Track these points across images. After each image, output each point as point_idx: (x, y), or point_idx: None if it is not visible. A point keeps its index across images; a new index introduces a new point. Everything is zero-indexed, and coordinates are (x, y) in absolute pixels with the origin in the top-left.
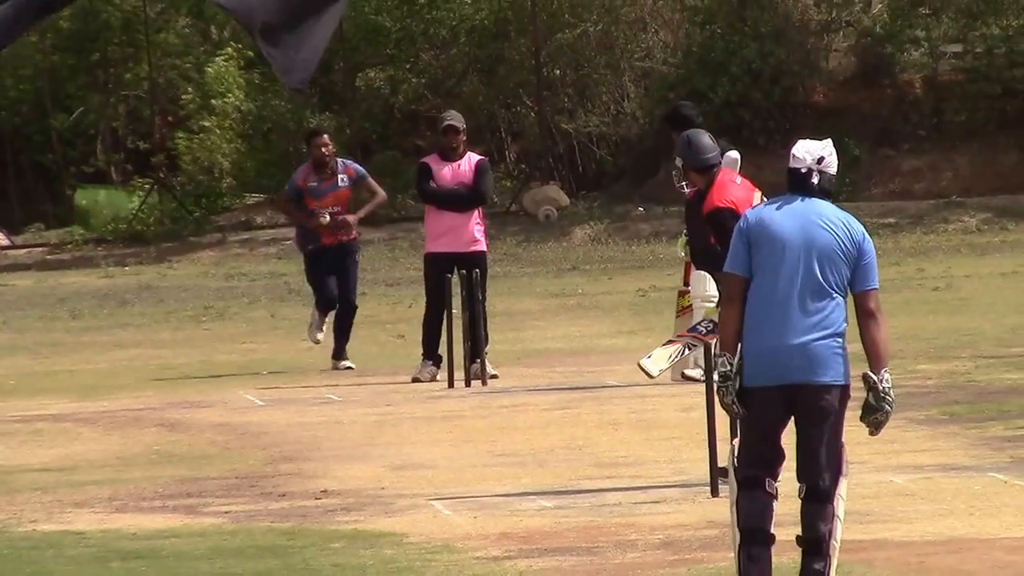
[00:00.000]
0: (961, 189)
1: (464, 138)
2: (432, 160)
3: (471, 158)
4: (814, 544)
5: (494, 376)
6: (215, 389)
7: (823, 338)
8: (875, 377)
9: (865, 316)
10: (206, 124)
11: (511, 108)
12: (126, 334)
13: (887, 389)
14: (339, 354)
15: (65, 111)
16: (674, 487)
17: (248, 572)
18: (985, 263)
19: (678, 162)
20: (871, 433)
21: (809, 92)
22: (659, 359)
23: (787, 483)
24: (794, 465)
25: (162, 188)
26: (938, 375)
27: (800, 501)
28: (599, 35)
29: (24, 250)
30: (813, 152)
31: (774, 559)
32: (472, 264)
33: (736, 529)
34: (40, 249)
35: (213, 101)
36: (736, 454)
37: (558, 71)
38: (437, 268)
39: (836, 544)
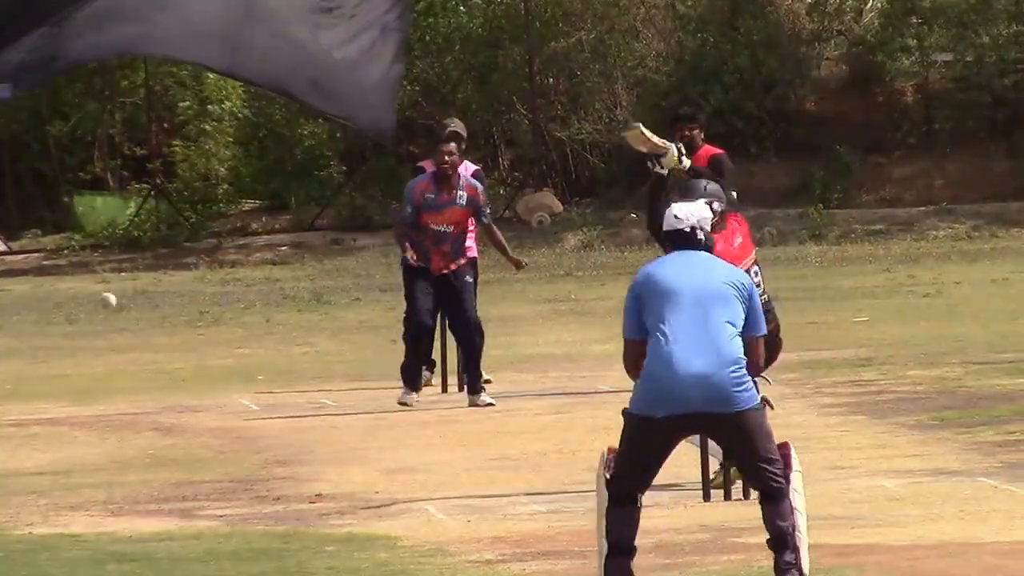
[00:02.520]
0: (951, 196)
1: (463, 147)
2: (428, 165)
3: (467, 167)
4: (779, 540)
5: (487, 381)
6: (210, 393)
7: (725, 370)
8: None
9: (748, 365)
10: (207, 128)
11: (505, 115)
12: (122, 339)
13: None
14: (473, 386)
15: (62, 118)
16: (666, 491)
17: (243, 575)
18: (975, 270)
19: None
20: None
21: (801, 100)
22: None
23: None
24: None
25: (158, 194)
26: (928, 381)
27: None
28: (592, 43)
29: (21, 255)
30: (693, 213)
31: (760, 564)
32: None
33: (604, 541)
34: (37, 255)
35: (210, 107)
36: (611, 467)
37: (551, 79)
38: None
39: (802, 535)
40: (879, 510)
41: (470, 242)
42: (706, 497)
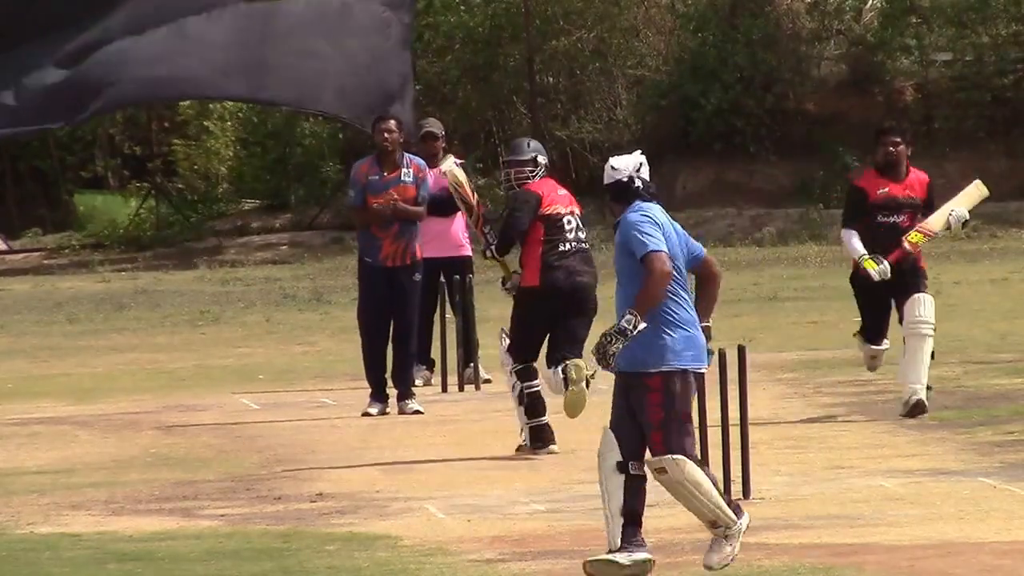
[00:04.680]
0: (950, 196)
1: (443, 144)
2: None
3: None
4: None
5: (487, 380)
6: (211, 393)
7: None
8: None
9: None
10: (208, 126)
11: (505, 114)
12: (122, 338)
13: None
14: (403, 392)
15: None
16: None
17: (244, 574)
18: (975, 270)
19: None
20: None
21: (800, 99)
22: None
23: (785, 486)
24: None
25: (158, 193)
26: (928, 380)
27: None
28: (592, 42)
29: (21, 255)
30: (629, 164)
31: (760, 563)
32: (459, 268)
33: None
34: (37, 254)
35: (211, 105)
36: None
37: (551, 78)
38: (427, 273)
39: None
40: (878, 510)
41: (465, 240)
42: None
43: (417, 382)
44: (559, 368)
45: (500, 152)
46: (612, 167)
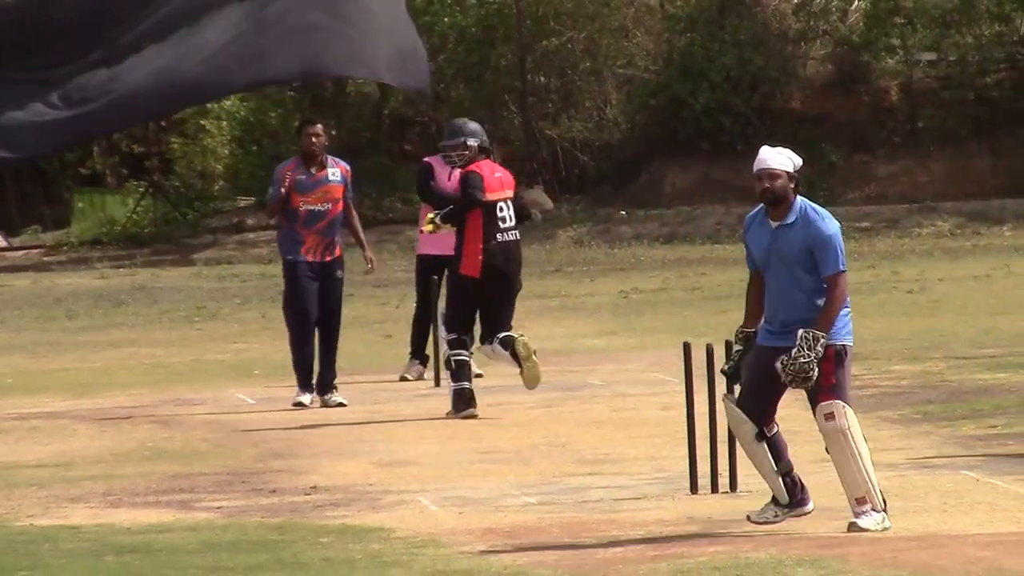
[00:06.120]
0: (935, 194)
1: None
2: (435, 161)
3: None
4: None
5: (479, 375)
6: (207, 387)
7: None
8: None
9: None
10: (205, 125)
11: (497, 113)
12: (120, 334)
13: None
14: (327, 385)
15: None
16: (655, 483)
17: (239, 566)
18: (958, 266)
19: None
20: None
21: (787, 99)
22: None
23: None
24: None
25: (156, 191)
26: (912, 375)
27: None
28: (583, 42)
29: (21, 251)
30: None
31: (747, 555)
32: None
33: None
34: (37, 251)
35: (209, 105)
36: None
37: (543, 78)
38: (427, 270)
39: None
40: None
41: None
42: (693, 489)
43: (410, 376)
44: (497, 345)
45: (492, 151)
46: (790, 157)
